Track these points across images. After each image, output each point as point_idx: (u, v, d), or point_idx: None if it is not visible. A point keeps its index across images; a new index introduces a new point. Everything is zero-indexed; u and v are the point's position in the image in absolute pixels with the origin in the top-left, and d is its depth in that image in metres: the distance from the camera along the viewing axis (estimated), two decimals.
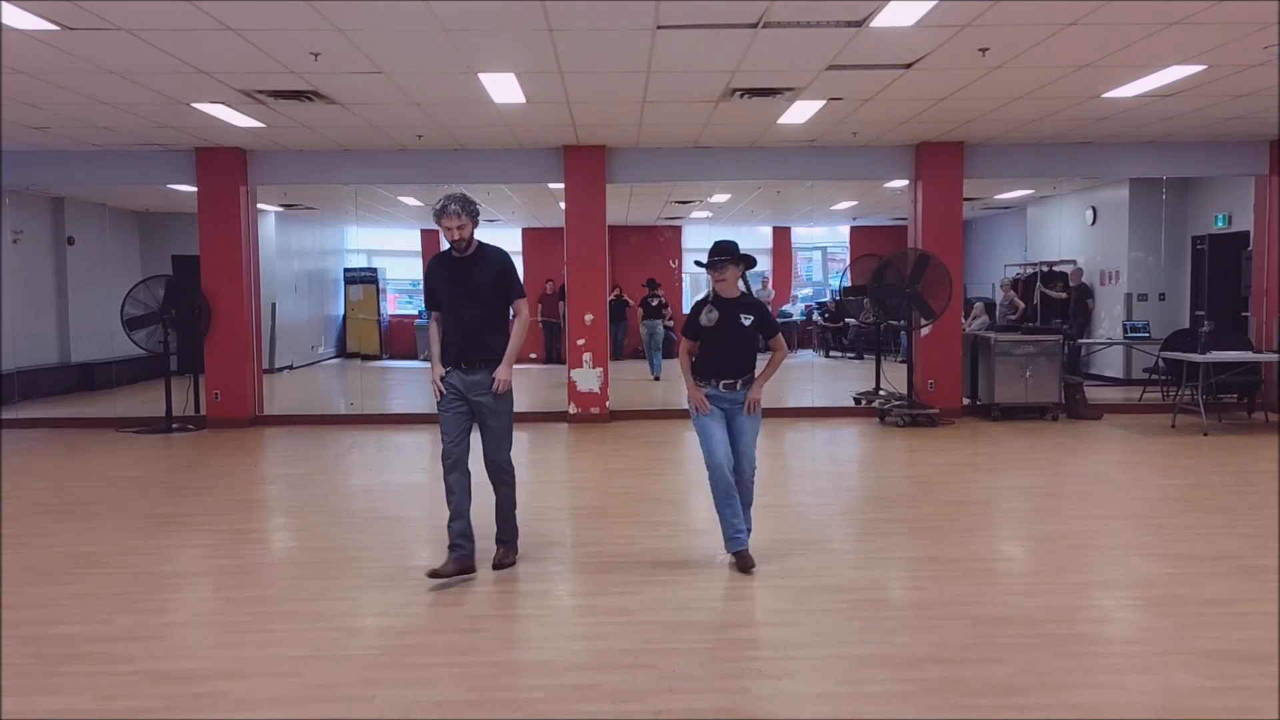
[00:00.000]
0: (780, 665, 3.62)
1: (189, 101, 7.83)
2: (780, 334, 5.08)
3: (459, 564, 4.66)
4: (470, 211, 4.61)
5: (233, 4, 5.41)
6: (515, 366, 4.88)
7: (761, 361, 5.03)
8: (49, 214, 13.12)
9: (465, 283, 4.69)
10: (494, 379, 4.73)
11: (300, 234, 17.18)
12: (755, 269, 5.19)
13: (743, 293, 4.97)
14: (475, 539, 4.77)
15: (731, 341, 4.86)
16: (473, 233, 4.68)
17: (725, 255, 4.82)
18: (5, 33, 5.83)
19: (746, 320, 4.85)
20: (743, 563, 4.77)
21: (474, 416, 4.79)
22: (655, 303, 15.28)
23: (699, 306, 4.96)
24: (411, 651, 3.85)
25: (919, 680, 3.47)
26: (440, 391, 4.75)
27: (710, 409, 4.85)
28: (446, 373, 4.74)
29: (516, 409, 5.04)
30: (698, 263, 4.97)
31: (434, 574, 4.58)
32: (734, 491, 4.81)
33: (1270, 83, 7.51)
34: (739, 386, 4.87)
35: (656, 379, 14.31)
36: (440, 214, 4.59)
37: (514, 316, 4.83)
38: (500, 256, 4.80)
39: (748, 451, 4.90)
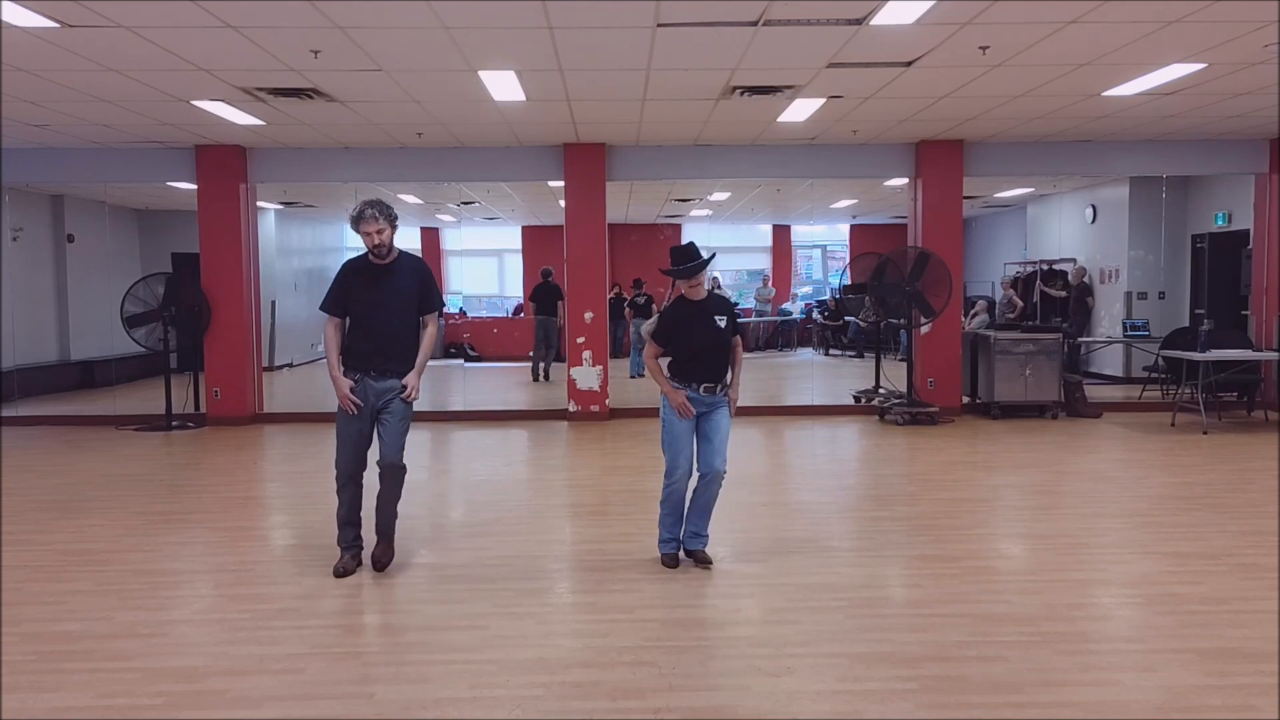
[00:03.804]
0: (779, 663, 3.63)
1: (189, 99, 7.83)
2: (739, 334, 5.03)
3: (358, 559, 4.86)
4: (389, 216, 4.60)
5: (233, 2, 5.40)
6: (511, 364, 4.87)
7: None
8: (49, 211, 13.12)
9: (383, 291, 4.65)
10: (404, 385, 4.70)
11: (300, 231, 17.17)
12: (755, 267, 5.09)
13: (710, 291, 4.91)
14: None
15: (710, 344, 4.80)
16: (392, 239, 4.65)
17: (698, 260, 4.74)
18: (5, 30, 5.83)
19: (721, 321, 4.81)
20: (667, 564, 4.85)
21: (374, 423, 4.75)
22: (642, 301, 15.33)
23: (672, 314, 4.89)
24: (411, 649, 3.86)
25: (918, 678, 3.47)
26: (354, 405, 4.67)
27: (693, 413, 4.77)
28: (355, 381, 4.68)
29: (515, 406, 5.03)
30: (664, 271, 4.85)
31: (342, 572, 4.73)
32: (685, 505, 4.87)
33: (1270, 81, 7.51)
34: (718, 391, 4.81)
35: (639, 376, 14.21)
36: (358, 220, 4.57)
37: (424, 329, 4.82)
38: (421, 267, 4.84)
39: (722, 449, 4.80)
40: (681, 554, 4.94)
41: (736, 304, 19.78)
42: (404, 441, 4.80)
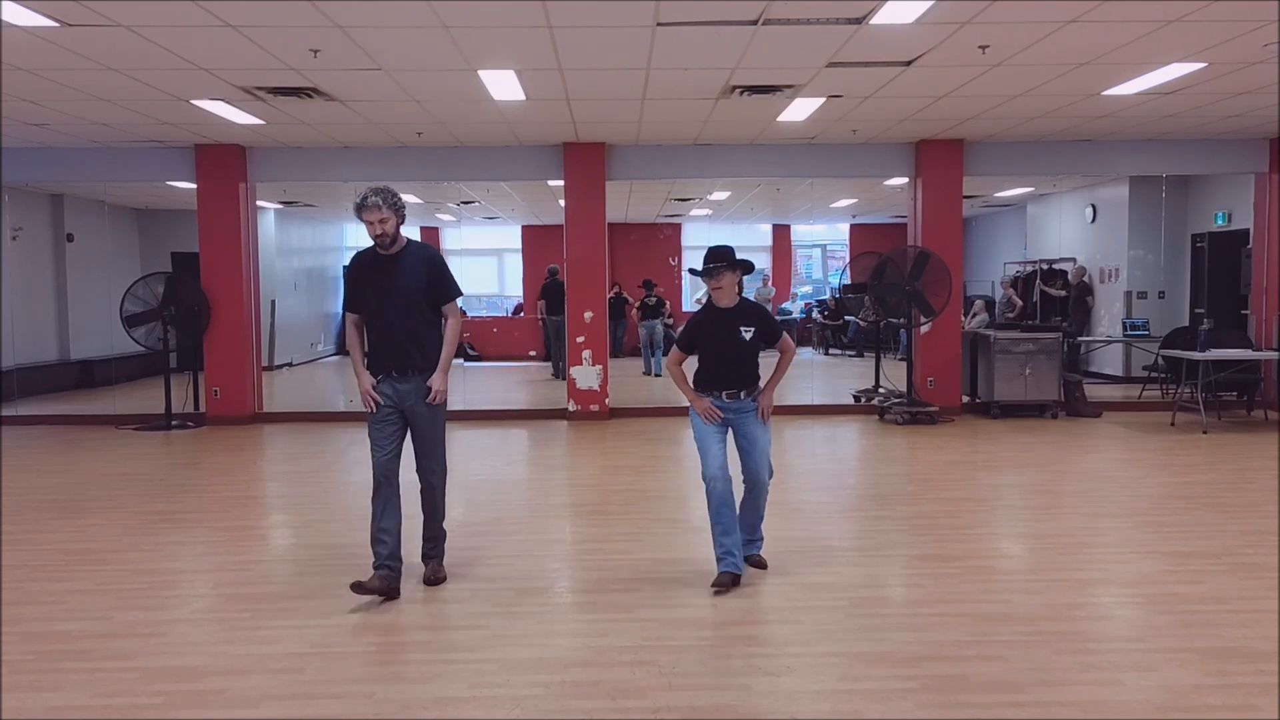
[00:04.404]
0: (779, 662, 3.63)
1: (189, 98, 7.82)
2: (785, 334, 4.82)
3: (385, 583, 4.33)
4: (393, 204, 4.30)
5: (233, 2, 5.40)
6: (511, 364, 4.79)
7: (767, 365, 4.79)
8: (48, 211, 13.12)
9: (391, 284, 4.36)
10: (429, 388, 4.42)
11: (299, 231, 17.17)
12: (756, 267, 5.04)
13: (741, 299, 4.70)
14: (403, 559, 4.49)
15: (733, 355, 4.60)
16: (398, 228, 4.36)
17: (721, 261, 4.54)
18: (5, 30, 5.82)
19: (747, 333, 4.59)
20: (721, 582, 4.44)
21: (405, 425, 4.49)
22: (653, 301, 15.33)
23: (696, 319, 4.75)
24: (410, 648, 3.86)
25: (918, 677, 3.47)
26: (374, 403, 4.41)
27: (720, 416, 4.59)
28: (378, 381, 4.43)
29: (515, 406, 4.96)
30: (692, 270, 4.71)
31: (358, 586, 4.27)
32: (730, 505, 4.53)
33: (1270, 80, 7.51)
34: (742, 396, 4.62)
35: (657, 375, 14.36)
36: (360, 208, 4.30)
37: (446, 320, 4.53)
38: (432, 255, 4.54)
39: (765, 459, 4.64)
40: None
41: None
42: (441, 448, 4.56)
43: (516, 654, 3.75)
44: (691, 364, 4.74)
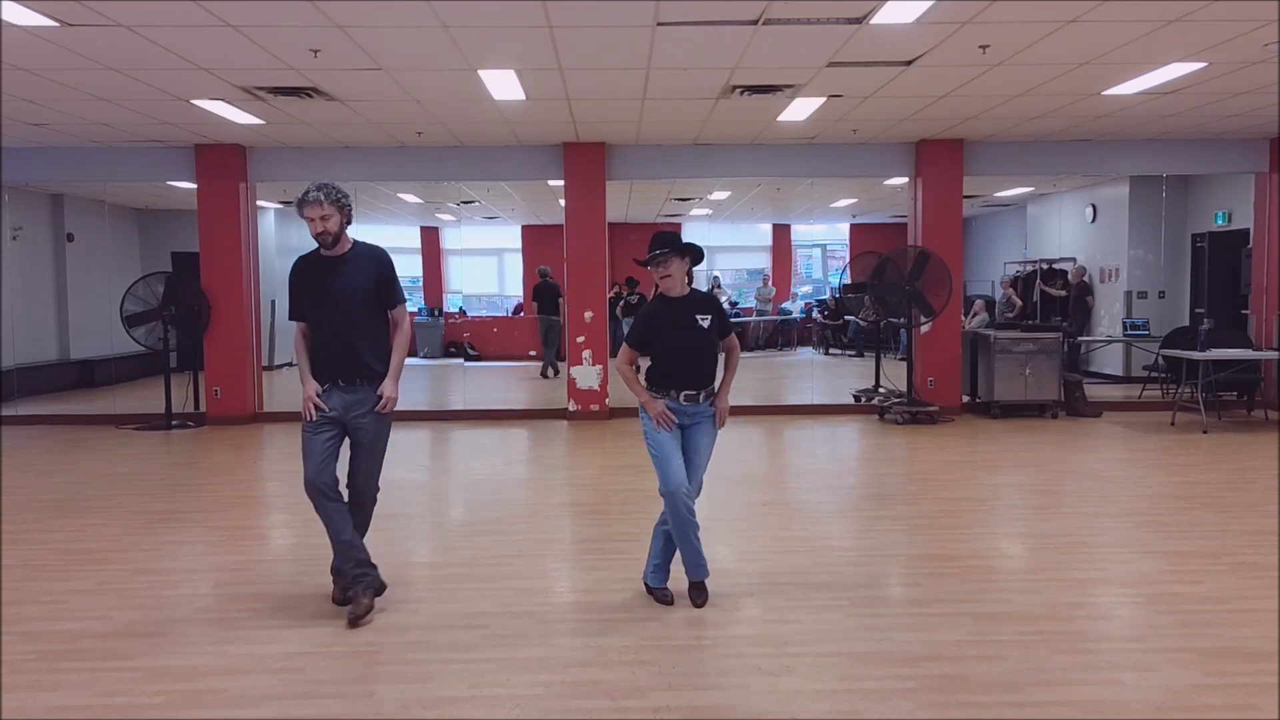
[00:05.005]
0: (779, 662, 3.63)
1: (189, 98, 7.82)
2: (734, 333, 4.49)
3: (372, 592, 4.19)
4: (336, 200, 4.06)
5: (233, 2, 5.40)
6: (510, 364, 4.72)
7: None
8: (48, 210, 13.12)
9: (339, 287, 4.10)
10: (380, 396, 4.14)
11: (300, 231, 17.06)
12: (755, 267, 4.94)
13: (692, 289, 4.39)
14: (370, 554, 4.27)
15: (693, 348, 4.24)
16: (341, 227, 4.10)
17: (667, 247, 4.24)
18: (5, 29, 5.82)
19: (704, 320, 4.25)
20: (699, 597, 4.27)
21: (343, 438, 4.20)
22: (635, 300, 15.42)
23: (647, 313, 4.35)
24: (411, 648, 3.85)
25: (918, 677, 3.47)
26: (314, 410, 4.10)
27: (674, 422, 4.21)
28: (324, 390, 4.12)
29: (515, 406, 4.91)
30: (637, 261, 4.37)
31: (354, 621, 4.05)
32: (694, 517, 4.19)
33: (1270, 80, 7.51)
34: (701, 399, 4.27)
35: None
36: (301, 204, 4.04)
37: (395, 326, 4.27)
38: (380, 257, 4.24)
39: (700, 470, 4.28)
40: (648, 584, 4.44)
41: (736, 303, 19.81)
42: (380, 467, 4.26)
43: (516, 654, 3.75)
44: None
